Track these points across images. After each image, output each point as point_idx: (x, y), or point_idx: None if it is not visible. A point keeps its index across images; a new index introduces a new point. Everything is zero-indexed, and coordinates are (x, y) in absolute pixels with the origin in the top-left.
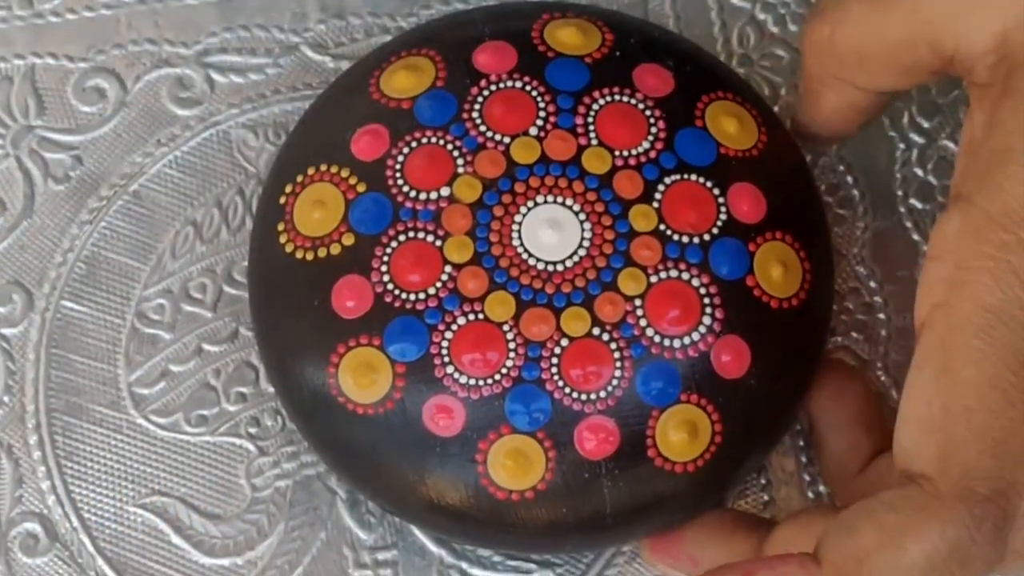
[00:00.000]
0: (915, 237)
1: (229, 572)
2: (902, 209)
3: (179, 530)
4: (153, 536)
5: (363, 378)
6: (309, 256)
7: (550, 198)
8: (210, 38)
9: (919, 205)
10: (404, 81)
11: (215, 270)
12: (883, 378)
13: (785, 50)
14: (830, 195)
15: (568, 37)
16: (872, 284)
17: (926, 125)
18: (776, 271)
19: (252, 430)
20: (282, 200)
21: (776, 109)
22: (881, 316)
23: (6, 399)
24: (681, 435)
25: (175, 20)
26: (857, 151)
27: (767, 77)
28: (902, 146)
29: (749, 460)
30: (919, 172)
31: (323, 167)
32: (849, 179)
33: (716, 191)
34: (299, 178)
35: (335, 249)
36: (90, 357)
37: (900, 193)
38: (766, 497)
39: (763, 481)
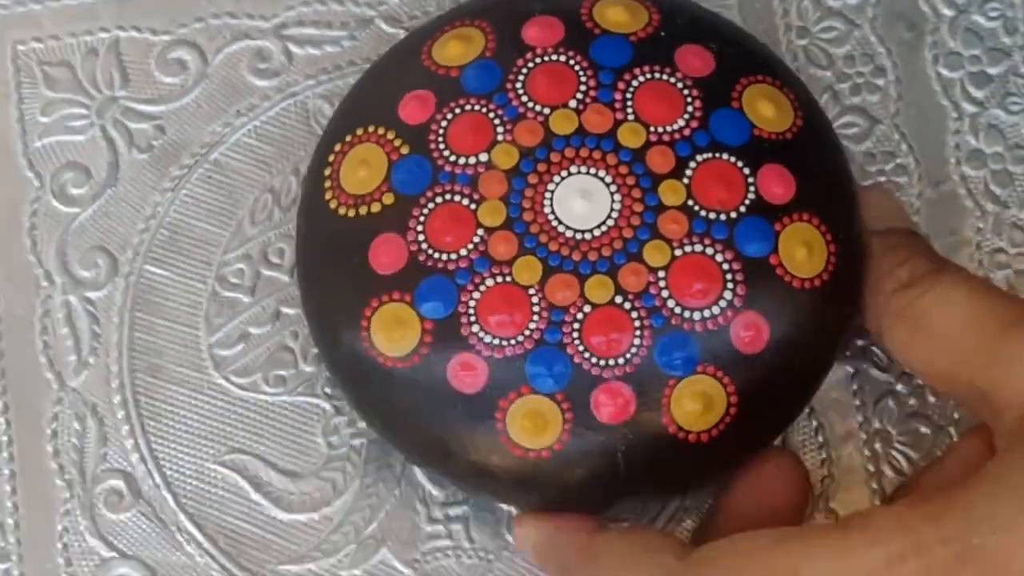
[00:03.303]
0: (967, 203)
1: (306, 527)
2: (955, 176)
3: (258, 487)
4: (233, 492)
5: (393, 332)
6: (351, 213)
7: (584, 169)
8: (288, 11)
9: (971, 172)
10: (454, 50)
11: (292, 235)
12: None
13: (842, 22)
14: (886, 163)
15: (616, 15)
16: None
17: (978, 95)
18: (800, 252)
19: (328, 390)
20: (331, 158)
21: (830, 75)
22: None
23: (91, 360)
24: (696, 406)
25: None
26: (911, 120)
27: (824, 48)
28: (955, 115)
29: (763, 434)
30: (971, 140)
31: (371, 128)
32: (904, 147)
33: (747, 171)
34: (348, 138)
35: (375, 208)
36: (172, 320)
37: (953, 160)
38: (823, 455)
39: (820, 439)
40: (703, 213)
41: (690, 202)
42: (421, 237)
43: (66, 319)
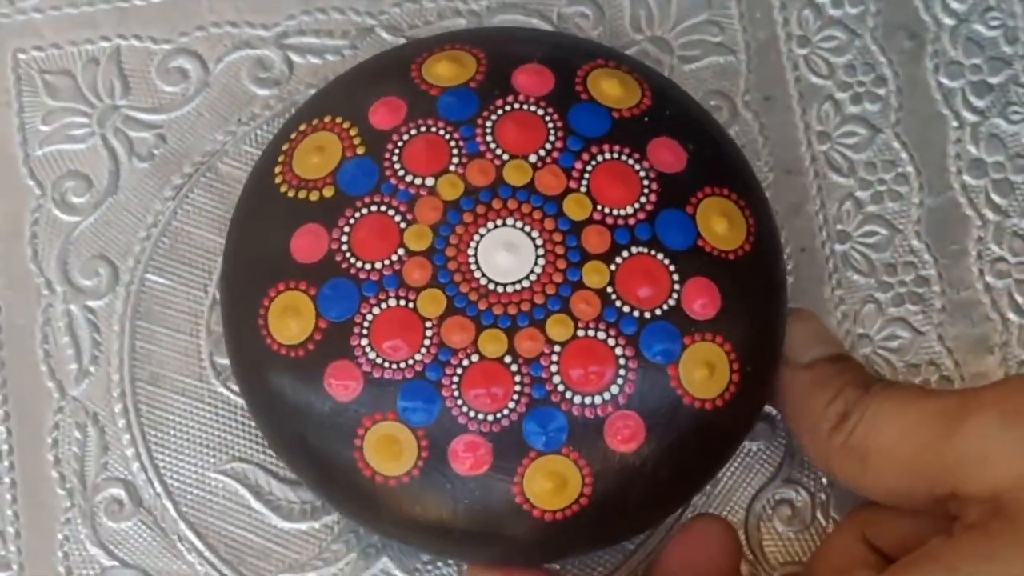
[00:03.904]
0: (968, 212)
1: (307, 536)
2: (955, 185)
3: (259, 495)
4: (233, 501)
5: (289, 319)
6: (291, 194)
7: (519, 224)
8: (289, 21)
9: (972, 181)
10: (444, 70)
11: None
12: (937, 348)
13: (843, 31)
14: (886, 172)
15: (609, 88)
16: (927, 257)
17: (979, 104)
18: (701, 371)
19: None
20: (293, 136)
21: (831, 85)
22: (936, 288)
23: (92, 369)
24: (548, 484)
25: (255, 3)
26: (912, 129)
27: (825, 58)
28: (955, 124)
29: (611, 532)
30: (972, 149)
31: (338, 119)
32: (905, 156)
33: (676, 276)
34: (314, 121)
35: (314, 196)
36: (173, 329)
37: (953, 169)
38: (825, 481)
39: None
40: (618, 303)
41: (609, 289)
42: (345, 238)
43: (67, 328)
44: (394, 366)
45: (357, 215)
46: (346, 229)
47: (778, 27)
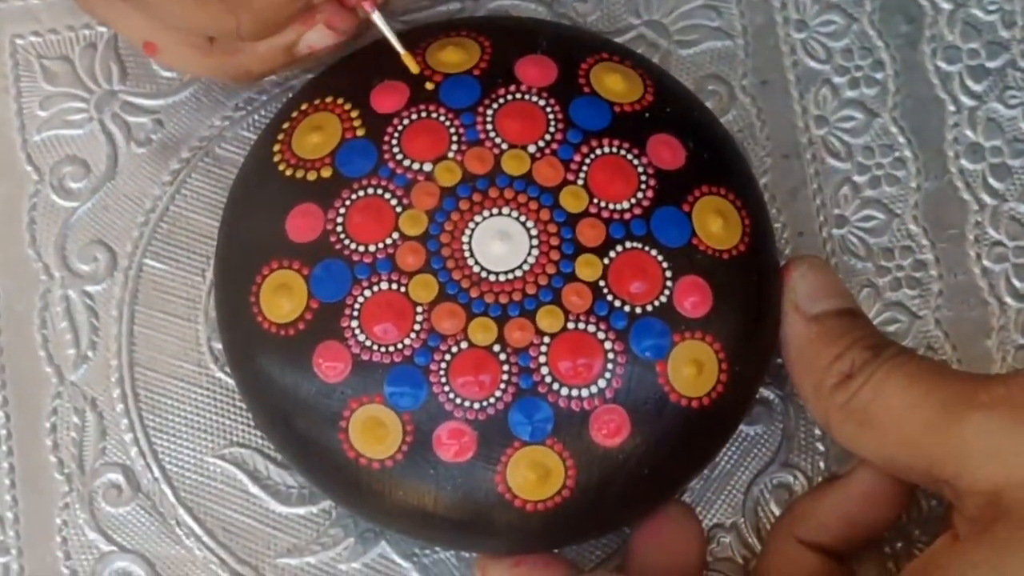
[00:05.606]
0: (965, 197)
1: (304, 520)
2: (953, 169)
3: (257, 480)
4: (231, 486)
5: (281, 298)
6: (288, 172)
7: (515, 213)
8: None
9: (969, 165)
10: (448, 57)
11: None
12: (935, 332)
13: (840, 16)
14: (884, 157)
15: (612, 82)
16: (924, 242)
17: (976, 88)
18: (689, 370)
19: None
20: (294, 114)
21: (829, 69)
22: (933, 272)
23: (91, 354)
24: (531, 475)
25: None
26: (910, 114)
27: (823, 42)
28: (952, 108)
29: (593, 525)
30: (969, 134)
31: (339, 101)
32: (902, 141)
33: (669, 273)
34: (316, 101)
35: (311, 176)
36: (171, 313)
37: (951, 154)
38: (823, 465)
39: (822, 448)
40: (609, 298)
41: (602, 283)
42: (340, 219)
43: (65, 313)
44: (383, 349)
45: (353, 197)
46: (342, 210)
47: (775, 11)
